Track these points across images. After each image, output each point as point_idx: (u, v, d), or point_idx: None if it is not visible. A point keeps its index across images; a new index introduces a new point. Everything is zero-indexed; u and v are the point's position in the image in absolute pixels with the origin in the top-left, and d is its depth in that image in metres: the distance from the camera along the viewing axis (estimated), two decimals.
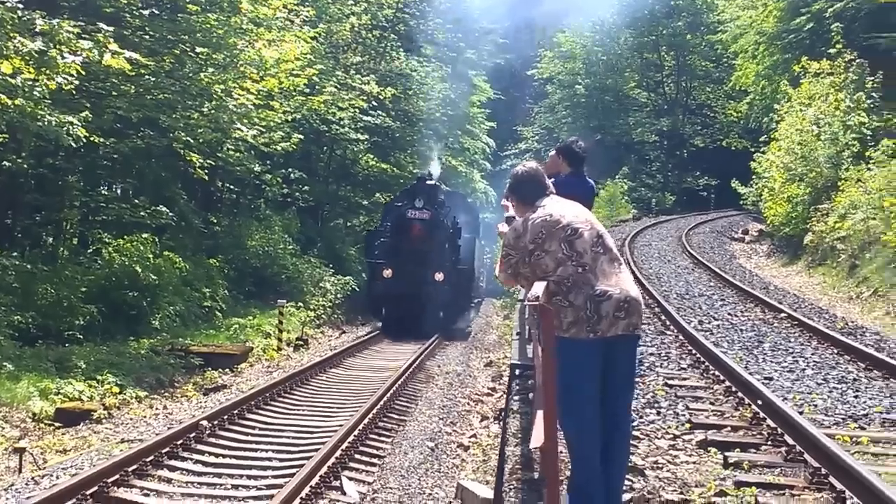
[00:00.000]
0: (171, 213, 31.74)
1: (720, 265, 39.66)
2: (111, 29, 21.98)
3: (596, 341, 8.48)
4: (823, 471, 10.51)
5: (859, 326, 24.37)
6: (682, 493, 10.14)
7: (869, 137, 35.64)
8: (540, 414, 8.44)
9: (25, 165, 26.03)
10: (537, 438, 8.37)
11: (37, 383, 19.14)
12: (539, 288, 7.70)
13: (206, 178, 31.66)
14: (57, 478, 13.16)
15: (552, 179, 11.79)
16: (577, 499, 8.76)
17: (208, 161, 30.88)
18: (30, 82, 19.54)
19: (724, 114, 66.09)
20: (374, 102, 45.34)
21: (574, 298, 8.45)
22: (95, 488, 11.82)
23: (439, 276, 34.32)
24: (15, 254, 26.13)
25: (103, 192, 33.14)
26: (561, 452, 9.87)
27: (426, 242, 34.74)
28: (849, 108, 36.73)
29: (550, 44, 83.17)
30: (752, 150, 49.26)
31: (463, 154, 59.35)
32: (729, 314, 25.30)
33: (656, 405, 14.56)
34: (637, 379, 16.12)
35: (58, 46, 20.01)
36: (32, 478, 13.50)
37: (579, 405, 8.62)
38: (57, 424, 17.80)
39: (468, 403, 20.30)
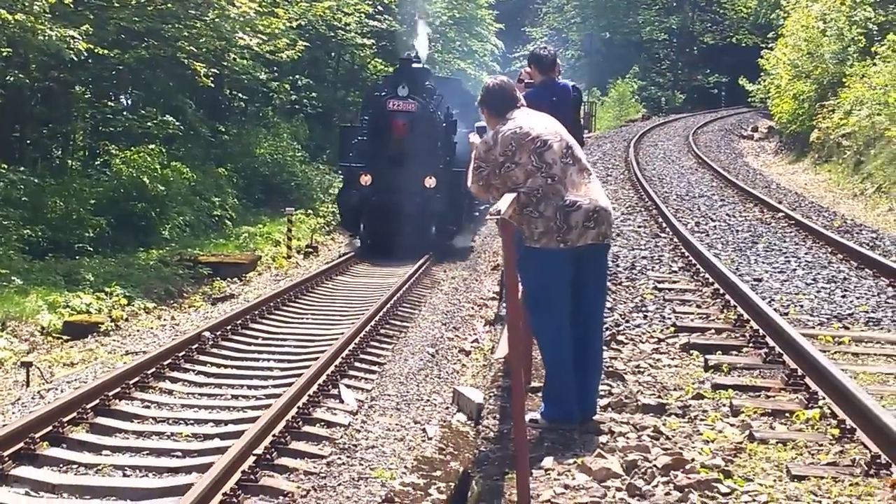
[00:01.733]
0: (178, 123, 31.93)
1: (724, 164, 40.09)
2: None
3: (566, 251, 8.71)
4: (800, 372, 10.69)
5: (858, 224, 24.54)
6: (659, 397, 10.34)
7: (875, 32, 35.47)
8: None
9: (28, 80, 26.12)
10: (502, 349, 8.61)
11: (45, 297, 19.40)
12: (503, 203, 7.87)
13: (213, 86, 31.67)
14: (61, 391, 13.36)
15: (526, 91, 12.00)
16: (551, 405, 9.05)
17: (213, 70, 30.99)
18: None
19: (734, 10, 65.54)
20: (379, 7, 45.14)
21: (544, 209, 8.64)
22: (97, 401, 12.02)
23: (430, 182, 28.34)
24: (23, 168, 26.28)
25: (110, 103, 33.25)
26: (536, 359, 10.17)
27: (412, 140, 28.01)
28: (854, 2, 36.47)
29: None
30: (762, 46, 49.00)
31: (472, 56, 59.14)
32: (727, 215, 25.50)
33: (644, 309, 14.72)
34: (628, 283, 16.44)
35: None
36: (38, 391, 13.69)
37: (551, 313, 8.85)
38: (65, 338, 18.04)
39: (472, 308, 20.48)
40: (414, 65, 29.59)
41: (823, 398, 9.79)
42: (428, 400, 13.39)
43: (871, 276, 17.23)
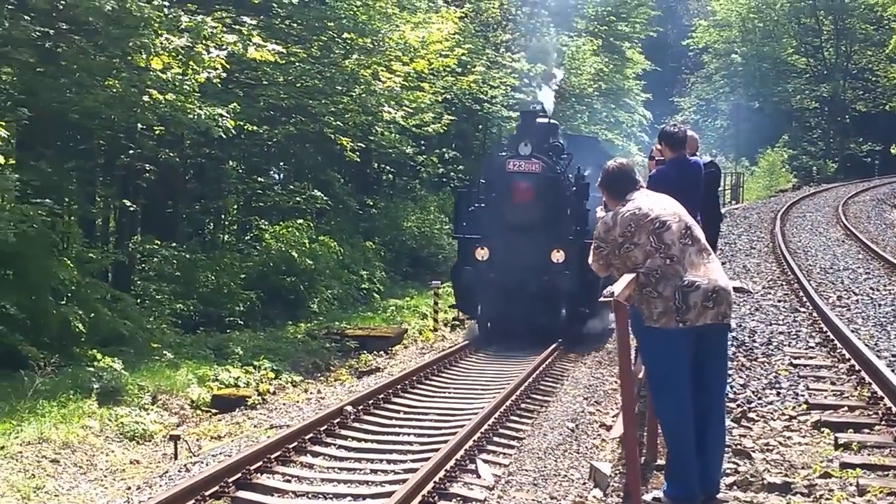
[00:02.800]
0: (326, 198, 32.76)
1: (873, 236, 39.55)
2: (254, 23, 22.85)
3: (685, 331, 8.94)
4: None
5: None
6: (786, 475, 10.38)
7: None
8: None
9: (180, 158, 27.05)
10: (618, 429, 8.85)
11: (195, 370, 19.97)
12: (618, 285, 8.21)
13: (359, 160, 32.46)
14: (206, 464, 13.74)
15: (656, 168, 12.28)
16: (674, 485, 9.23)
17: (360, 144, 31.77)
18: (179, 77, 20.52)
19: (887, 77, 65.09)
20: (525, 80, 45.76)
21: (663, 289, 8.92)
22: (238, 475, 12.31)
23: (558, 256, 24.04)
24: (175, 244, 27.14)
25: (260, 179, 34.23)
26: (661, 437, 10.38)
27: (536, 206, 24.11)
28: None
29: (705, 13, 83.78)
30: None
31: (619, 127, 59.63)
32: (871, 289, 25.08)
33: (777, 385, 14.85)
34: (764, 359, 16.53)
35: (203, 42, 20.87)
36: (185, 464, 14.14)
37: (672, 393, 9.09)
38: (213, 411, 18.55)
39: (615, 382, 20.69)
40: (539, 119, 25.82)
41: None
42: (566, 475, 13.56)
43: None
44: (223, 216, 33.59)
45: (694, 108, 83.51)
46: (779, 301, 23.57)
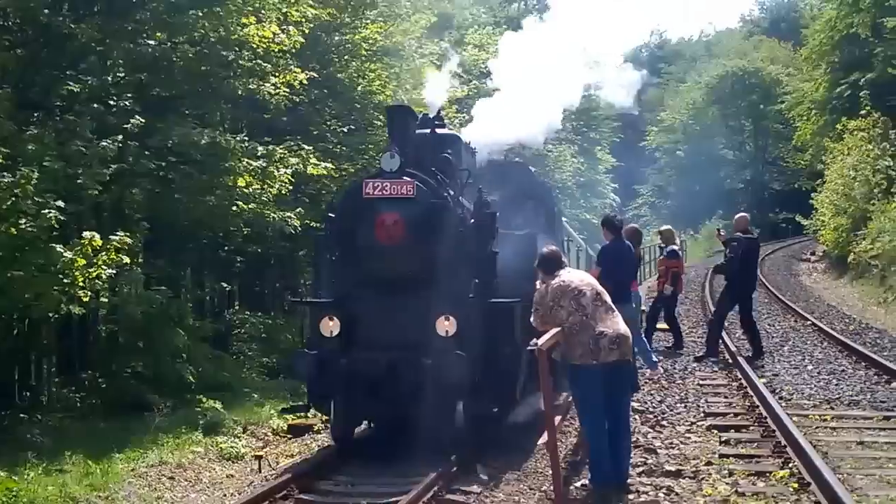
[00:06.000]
0: None
1: (779, 284, 39.78)
2: (311, 148, 23.32)
3: (598, 366, 9.79)
4: (783, 443, 11.47)
5: (869, 327, 24.38)
6: (680, 464, 11.08)
7: (894, 177, 35.92)
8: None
9: (259, 250, 27.60)
10: (543, 438, 9.53)
11: (276, 407, 20.34)
12: (543, 338, 9.00)
13: None
14: (280, 476, 14.27)
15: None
16: (594, 473, 10.23)
17: None
18: (258, 191, 21.19)
19: (794, 163, 65.63)
20: None
21: (581, 337, 9.76)
22: (301, 482, 12.34)
23: (446, 327, 12.05)
24: (261, 313, 27.69)
25: None
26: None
27: (411, 251, 12.50)
28: (877, 155, 37.22)
29: (656, 122, 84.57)
30: (813, 190, 49.05)
31: (594, 210, 59.95)
32: (768, 325, 25.28)
33: (685, 401, 15.30)
34: (680, 381, 17.01)
35: (274, 163, 21.46)
36: (265, 476, 14.45)
37: (591, 412, 10.06)
38: (289, 436, 18.91)
39: None
40: (419, 120, 14.40)
41: (793, 462, 10.55)
42: None
43: (864, 368, 17.70)
44: (299, 290, 34.15)
45: (650, 193, 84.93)
46: (699, 338, 23.24)
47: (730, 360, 18.88)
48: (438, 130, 14.18)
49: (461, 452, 12.00)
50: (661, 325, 21.91)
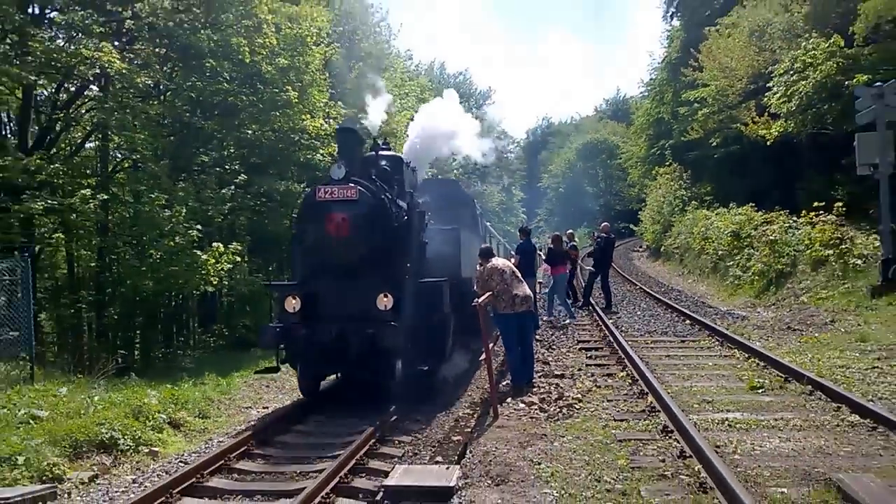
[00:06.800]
0: None
1: (621, 265, 48.59)
2: None
3: (514, 315, 13.03)
4: (621, 355, 15.37)
5: (672, 289, 31.19)
6: (563, 371, 14.24)
7: (685, 200, 48.04)
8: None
9: None
10: (483, 357, 13.06)
11: None
12: (482, 298, 12.19)
13: None
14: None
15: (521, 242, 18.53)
16: (513, 377, 13.48)
17: None
18: None
19: (628, 193, 78.27)
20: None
21: (504, 297, 12.90)
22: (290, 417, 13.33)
23: (385, 302, 13.51)
24: None
25: None
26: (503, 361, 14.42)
27: (356, 242, 13.85)
28: (676, 188, 49.86)
29: (547, 171, 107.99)
30: (641, 209, 61.61)
31: (511, 223, 76.21)
32: (615, 289, 29.23)
33: (566, 334, 19.03)
34: (562, 329, 20.33)
35: None
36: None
37: (510, 339, 13.34)
38: None
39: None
40: (355, 136, 15.33)
41: (628, 367, 14.39)
42: None
43: (669, 313, 22.80)
44: None
45: (545, 215, 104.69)
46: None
47: (593, 310, 23.58)
48: (383, 152, 16.11)
49: (402, 402, 13.42)
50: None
